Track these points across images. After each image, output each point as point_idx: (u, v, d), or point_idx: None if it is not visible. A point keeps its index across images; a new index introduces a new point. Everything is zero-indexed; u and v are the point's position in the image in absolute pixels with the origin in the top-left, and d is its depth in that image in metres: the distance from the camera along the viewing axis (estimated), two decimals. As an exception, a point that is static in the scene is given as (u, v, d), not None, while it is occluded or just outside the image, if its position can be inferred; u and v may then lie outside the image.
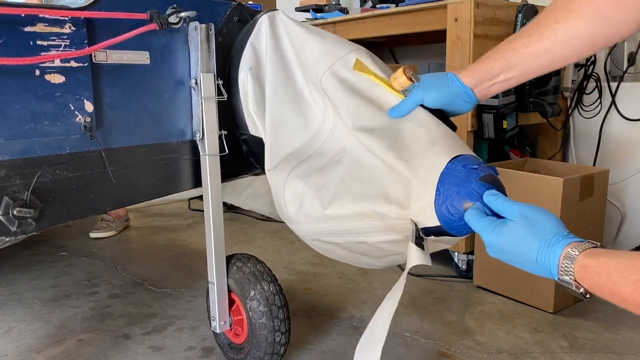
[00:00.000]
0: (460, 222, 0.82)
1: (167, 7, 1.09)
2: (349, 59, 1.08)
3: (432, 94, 0.94)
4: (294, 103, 1.13)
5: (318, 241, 1.09)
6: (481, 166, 0.83)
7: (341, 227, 1.00)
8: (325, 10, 2.45)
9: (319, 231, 1.05)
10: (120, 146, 1.10)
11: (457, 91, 0.93)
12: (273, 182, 1.14)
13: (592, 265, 0.65)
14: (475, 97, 0.93)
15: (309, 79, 1.11)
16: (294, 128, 1.12)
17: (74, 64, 1.00)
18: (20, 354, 1.46)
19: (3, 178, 0.95)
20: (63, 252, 2.28)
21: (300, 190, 1.05)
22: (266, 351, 1.25)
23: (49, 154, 1.00)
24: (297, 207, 1.06)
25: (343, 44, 1.13)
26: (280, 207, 1.13)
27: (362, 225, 0.97)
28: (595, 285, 0.65)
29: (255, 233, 2.51)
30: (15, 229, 0.96)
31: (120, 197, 1.12)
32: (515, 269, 0.77)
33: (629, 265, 0.62)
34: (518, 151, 2.12)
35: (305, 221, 1.06)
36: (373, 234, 0.97)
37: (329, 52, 1.10)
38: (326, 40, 1.13)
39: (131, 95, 1.10)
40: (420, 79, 0.96)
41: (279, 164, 1.12)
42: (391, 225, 0.93)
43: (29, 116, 0.96)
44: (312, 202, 1.03)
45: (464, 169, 0.82)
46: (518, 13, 1.77)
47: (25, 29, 0.94)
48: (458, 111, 0.97)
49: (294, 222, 1.09)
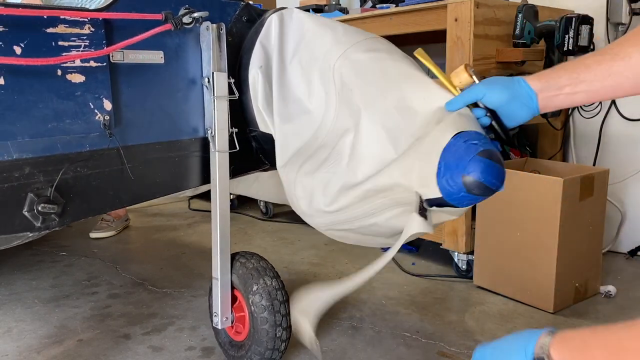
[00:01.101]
0: (460, 194, 0.86)
1: (179, 7, 1.12)
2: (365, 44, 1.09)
3: (494, 91, 0.91)
4: (299, 99, 1.14)
5: (331, 230, 1.14)
6: (482, 141, 0.86)
7: (351, 215, 1.04)
8: (325, 10, 2.45)
9: (330, 222, 1.10)
10: (136, 143, 1.13)
11: (520, 92, 0.90)
12: (284, 179, 1.18)
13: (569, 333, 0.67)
14: (536, 104, 0.90)
15: (317, 70, 1.11)
16: (300, 124, 1.13)
17: (93, 64, 1.03)
18: (20, 354, 1.46)
19: (27, 175, 0.97)
20: (63, 252, 2.28)
21: (309, 187, 1.10)
22: (267, 346, 1.25)
23: (70, 151, 1.03)
24: (308, 202, 1.11)
25: (358, 32, 1.14)
26: (293, 203, 1.18)
27: (371, 207, 1.01)
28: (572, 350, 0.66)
29: (255, 233, 2.51)
30: (40, 224, 1.00)
31: (137, 192, 1.15)
32: (515, 269, 0.78)
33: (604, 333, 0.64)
34: (518, 151, 2.12)
35: (317, 214, 1.11)
36: (382, 212, 1.01)
37: (340, 40, 1.10)
38: (338, 31, 1.14)
39: (147, 94, 1.13)
40: (480, 78, 0.95)
41: (288, 161, 1.16)
42: (398, 199, 0.96)
43: (51, 115, 0.99)
44: (321, 197, 1.07)
45: (465, 144, 0.85)
46: (518, 13, 1.77)
47: (47, 30, 0.96)
48: (515, 116, 0.92)
49: (307, 216, 1.15)
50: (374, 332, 1.53)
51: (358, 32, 1.15)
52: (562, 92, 0.88)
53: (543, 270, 1.60)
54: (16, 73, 0.94)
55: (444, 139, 0.88)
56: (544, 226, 1.59)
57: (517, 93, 0.90)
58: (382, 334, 1.53)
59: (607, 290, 1.74)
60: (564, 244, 1.58)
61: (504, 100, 0.91)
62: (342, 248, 2.24)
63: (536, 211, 1.61)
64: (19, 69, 0.94)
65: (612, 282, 1.79)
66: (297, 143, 1.13)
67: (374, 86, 1.01)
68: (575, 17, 1.70)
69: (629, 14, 1.99)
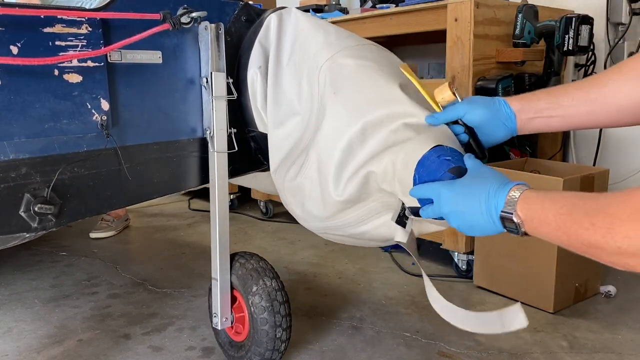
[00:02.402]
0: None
1: (177, 7, 1.12)
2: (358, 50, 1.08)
3: (476, 109, 0.94)
4: (291, 100, 1.14)
5: (327, 234, 1.15)
6: (454, 158, 0.87)
7: (342, 221, 1.05)
8: (325, 10, 2.45)
9: (324, 227, 1.11)
10: (134, 144, 1.13)
11: (500, 112, 0.93)
12: (276, 184, 1.19)
13: (532, 196, 0.72)
14: (514, 124, 0.93)
15: (306, 71, 1.11)
16: (290, 127, 1.13)
17: (90, 64, 1.03)
18: (20, 354, 1.46)
19: (24, 176, 0.97)
20: (63, 252, 2.28)
21: (298, 192, 1.11)
22: (267, 347, 1.25)
23: (67, 152, 1.02)
24: (300, 207, 1.12)
25: (350, 37, 1.14)
26: (287, 207, 1.19)
27: (361, 213, 1.01)
28: (530, 214, 0.71)
29: (255, 233, 2.51)
30: (36, 225, 0.99)
31: (135, 193, 1.15)
32: (515, 269, 0.78)
33: (562, 197, 0.68)
34: (518, 151, 2.11)
35: (310, 219, 1.12)
36: (372, 219, 1.01)
37: (332, 43, 1.10)
38: (330, 33, 1.13)
39: (144, 94, 1.13)
40: (461, 97, 0.97)
41: (277, 166, 1.16)
42: (388, 202, 0.97)
43: (48, 115, 0.99)
44: (310, 203, 1.07)
45: (438, 159, 0.87)
46: (518, 13, 1.77)
47: (45, 30, 0.96)
48: (493, 134, 0.95)
49: (301, 220, 1.16)
50: (374, 332, 1.53)
51: (350, 37, 1.14)
52: (540, 115, 0.91)
53: (543, 270, 1.60)
54: (13, 73, 0.93)
55: (422, 150, 0.89)
56: (544, 226, 1.59)
57: (496, 113, 0.93)
58: (382, 334, 1.53)
59: (607, 290, 1.73)
60: (564, 244, 1.58)
61: (484, 119, 0.93)
62: (342, 248, 2.24)
63: (536, 211, 1.60)
64: (16, 69, 0.94)
65: (612, 282, 1.78)
66: (286, 147, 1.13)
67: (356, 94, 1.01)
68: (575, 17, 1.69)
69: (629, 14, 1.99)
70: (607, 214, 0.61)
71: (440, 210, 0.83)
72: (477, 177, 0.81)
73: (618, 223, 0.59)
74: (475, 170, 0.83)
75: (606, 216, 0.61)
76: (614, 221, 0.60)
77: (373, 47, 1.14)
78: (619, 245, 0.59)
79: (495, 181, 0.77)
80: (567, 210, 0.66)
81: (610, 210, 0.61)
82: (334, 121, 0.99)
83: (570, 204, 0.66)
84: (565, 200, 0.67)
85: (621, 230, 0.59)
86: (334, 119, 0.99)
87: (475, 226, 0.79)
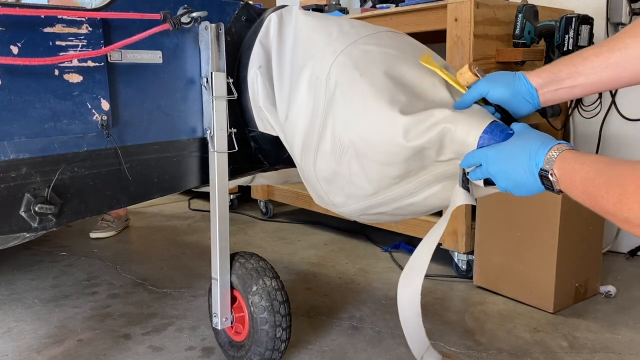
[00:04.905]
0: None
1: (178, 7, 1.12)
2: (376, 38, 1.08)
3: (497, 88, 0.94)
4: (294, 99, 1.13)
5: (365, 215, 1.13)
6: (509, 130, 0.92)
7: (388, 196, 1.04)
8: (325, 10, 2.45)
9: (366, 206, 1.09)
10: (134, 144, 1.13)
11: (520, 89, 0.93)
12: (308, 177, 1.15)
13: (569, 157, 0.74)
14: (537, 99, 0.93)
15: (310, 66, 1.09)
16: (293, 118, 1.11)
17: (91, 64, 1.03)
18: (20, 354, 1.46)
19: (24, 175, 0.97)
20: (63, 252, 2.28)
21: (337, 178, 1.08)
22: (267, 347, 1.25)
23: (68, 151, 1.02)
24: (340, 192, 1.09)
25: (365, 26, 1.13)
26: (322, 199, 1.16)
27: (410, 187, 1.01)
28: (564, 175, 0.74)
29: (255, 233, 2.51)
30: (37, 224, 1.00)
31: (135, 193, 1.15)
32: (515, 269, 0.79)
33: (592, 161, 0.70)
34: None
35: (352, 202, 1.09)
36: (422, 191, 1.02)
37: (348, 32, 1.09)
38: (342, 24, 1.13)
39: (145, 94, 1.13)
40: (484, 75, 0.97)
41: (301, 158, 1.13)
42: (440, 173, 0.98)
43: (48, 115, 0.99)
44: (351, 185, 1.06)
45: (501, 133, 0.90)
46: (518, 13, 1.77)
47: (45, 30, 0.96)
48: (518, 111, 0.96)
49: (339, 207, 1.13)
50: (374, 332, 1.53)
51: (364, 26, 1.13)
52: (562, 86, 0.91)
53: (543, 270, 1.60)
54: (13, 73, 0.93)
55: (485, 121, 0.90)
56: (544, 226, 1.59)
57: (518, 90, 0.93)
58: (382, 334, 1.53)
59: (607, 290, 1.73)
60: (564, 244, 1.58)
61: (506, 96, 0.94)
62: (341, 248, 2.24)
63: (536, 211, 1.61)
64: (16, 69, 0.94)
65: (612, 282, 1.78)
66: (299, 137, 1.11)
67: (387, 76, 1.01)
68: (575, 17, 1.70)
69: (629, 14, 1.99)
70: (618, 184, 0.64)
71: (488, 171, 0.86)
72: (521, 138, 0.84)
73: (626, 195, 0.62)
74: (521, 132, 0.86)
75: (617, 187, 0.64)
76: (622, 192, 0.63)
77: (390, 33, 1.12)
78: (626, 215, 0.62)
79: (538, 140, 0.80)
80: (592, 175, 0.69)
81: (620, 181, 0.64)
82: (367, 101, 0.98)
83: (595, 170, 0.69)
84: (593, 164, 0.70)
85: (628, 201, 0.62)
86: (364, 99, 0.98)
87: (520, 184, 0.82)
